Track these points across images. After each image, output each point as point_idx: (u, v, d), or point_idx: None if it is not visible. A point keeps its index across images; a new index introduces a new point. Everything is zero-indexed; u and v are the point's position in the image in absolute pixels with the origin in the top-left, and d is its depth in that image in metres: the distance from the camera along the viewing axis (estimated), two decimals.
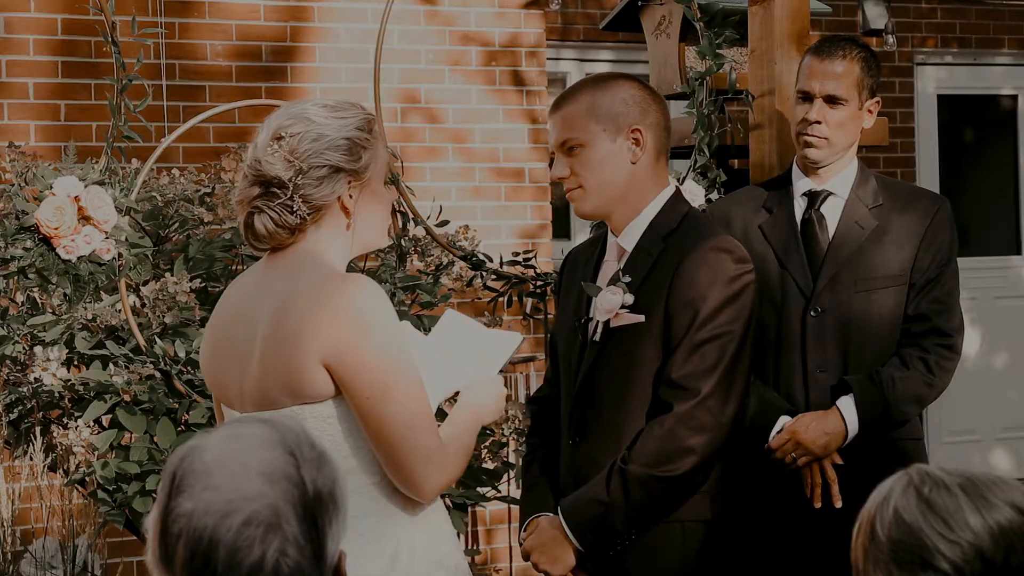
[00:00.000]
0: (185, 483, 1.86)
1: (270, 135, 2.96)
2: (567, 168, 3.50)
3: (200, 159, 6.29)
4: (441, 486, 2.95)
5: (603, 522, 3.37)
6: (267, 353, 2.90)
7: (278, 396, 2.90)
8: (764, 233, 4.02)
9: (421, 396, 2.90)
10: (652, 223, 3.50)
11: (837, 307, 3.94)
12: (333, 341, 2.83)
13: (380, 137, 3.05)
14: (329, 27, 7.10)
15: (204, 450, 1.89)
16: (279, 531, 1.85)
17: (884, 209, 4.00)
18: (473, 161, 7.40)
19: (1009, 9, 9.61)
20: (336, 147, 2.94)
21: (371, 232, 3.03)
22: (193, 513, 1.85)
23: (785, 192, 4.07)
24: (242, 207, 2.99)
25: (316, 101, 3.02)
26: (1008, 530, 1.97)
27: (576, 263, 3.71)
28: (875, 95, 4.04)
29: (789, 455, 3.85)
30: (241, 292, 3.05)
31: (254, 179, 2.96)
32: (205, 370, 3.10)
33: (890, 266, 3.96)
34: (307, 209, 2.93)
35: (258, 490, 1.86)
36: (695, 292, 3.37)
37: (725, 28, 4.58)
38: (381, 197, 3.04)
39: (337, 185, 2.95)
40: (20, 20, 6.56)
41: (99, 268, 4.36)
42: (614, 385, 3.45)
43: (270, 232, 2.95)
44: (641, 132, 3.47)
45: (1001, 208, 9.88)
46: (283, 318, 2.89)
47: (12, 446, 4.91)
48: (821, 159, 4.00)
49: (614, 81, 3.53)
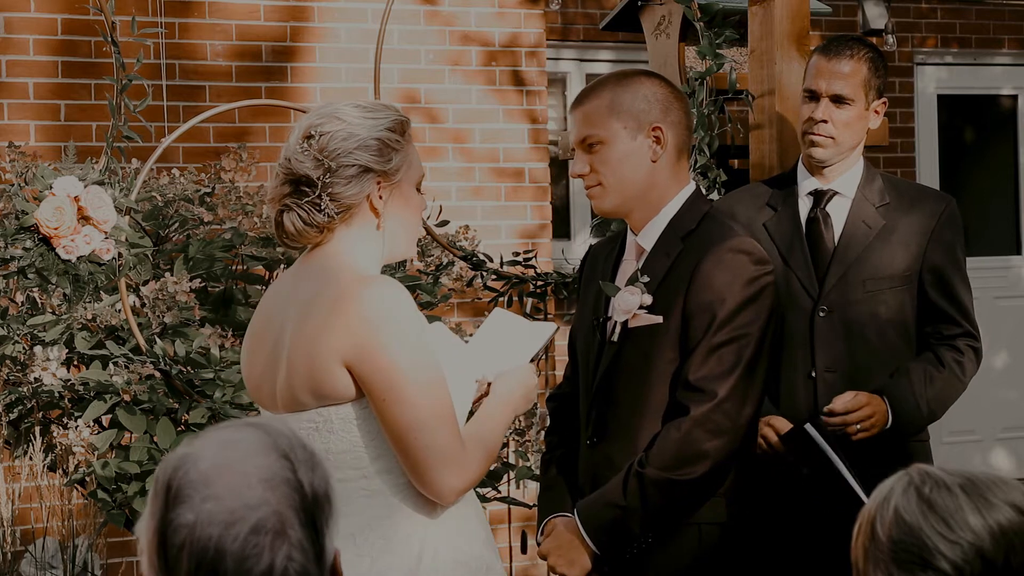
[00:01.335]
0: (184, 493, 1.86)
1: (301, 134, 2.98)
2: (587, 165, 3.48)
3: (200, 159, 6.29)
4: (461, 488, 2.93)
5: (620, 526, 3.36)
6: (293, 355, 2.91)
7: (304, 397, 2.91)
8: (768, 231, 4.02)
9: (440, 397, 2.89)
10: (671, 223, 3.47)
11: (845, 307, 3.93)
12: (352, 342, 2.84)
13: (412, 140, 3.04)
14: (329, 27, 7.10)
15: (198, 459, 1.88)
16: (285, 537, 1.85)
17: (891, 208, 3.99)
18: (473, 161, 7.40)
19: (1009, 9, 9.61)
20: (366, 147, 2.95)
21: (401, 236, 3.03)
22: (196, 524, 1.84)
23: (790, 191, 4.06)
24: (273, 205, 3.01)
25: (350, 102, 3.03)
26: (1008, 530, 1.97)
27: (596, 260, 3.69)
28: (882, 96, 4.04)
29: (854, 425, 3.80)
30: (275, 296, 3.07)
31: (284, 177, 2.98)
32: (244, 374, 3.12)
33: (898, 265, 3.95)
34: (335, 208, 2.94)
35: (260, 497, 1.86)
36: (713, 294, 3.35)
37: (725, 28, 4.58)
38: (411, 201, 3.03)
39: (366, 185, 2.95)
40: (20, 20, 6.56)
41: (99, 268, 4.36)
42: (631, 386, 3.44)
43: (299, 230, 2.96)
44: (662, 130, 3.44)
45: (1001, 208, 9.88)
46: (307, 320, 2.90)
47: (12, 446, 4.90)
48: (826, 158, 3.99)
49: (636, 78, 3.50)
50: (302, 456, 1.91)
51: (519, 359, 3.19)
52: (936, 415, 3.92)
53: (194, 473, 1.87)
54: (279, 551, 1.84)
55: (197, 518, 1.84)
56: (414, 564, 2.92)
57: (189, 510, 1.85)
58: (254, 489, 1.86)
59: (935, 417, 3.92)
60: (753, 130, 4.57)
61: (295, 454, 1.90)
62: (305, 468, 1.90)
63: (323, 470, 1.92)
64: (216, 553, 1.83)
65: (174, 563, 1.85)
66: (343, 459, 2.91)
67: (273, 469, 1.88)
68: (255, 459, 1.88)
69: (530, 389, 3.14)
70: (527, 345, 3.23)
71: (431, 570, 2.94)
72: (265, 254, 5.24)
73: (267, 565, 1.83)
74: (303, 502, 1.87)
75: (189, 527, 1.84)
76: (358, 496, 2.92)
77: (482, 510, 3.11)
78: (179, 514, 1.85)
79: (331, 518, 1.91)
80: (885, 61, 4.10)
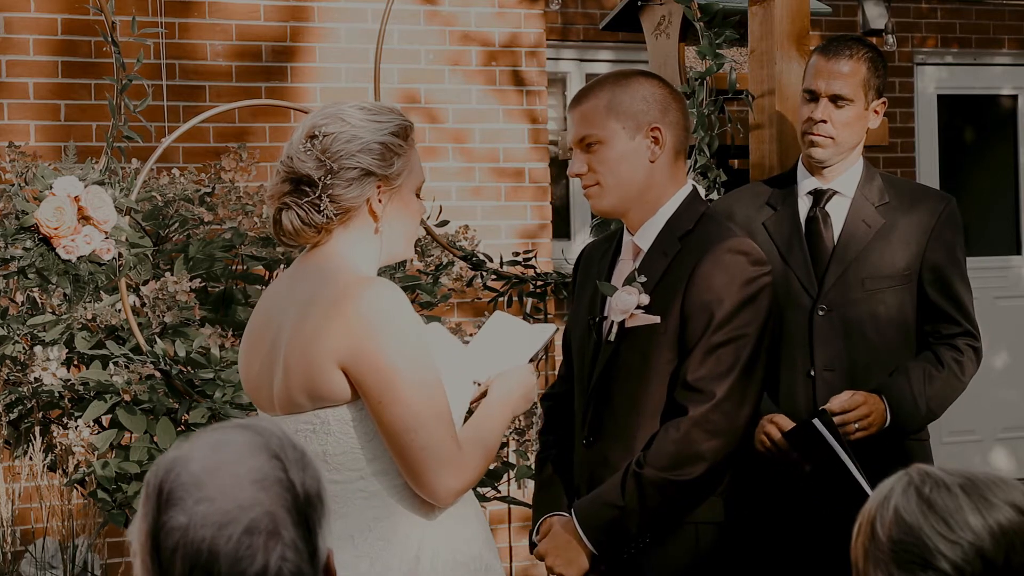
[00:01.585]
0: (175, 496, 1.85)
1: (304, 133, 2.97)
2: (585, 165, 3.48)
3: (200, 159, 6.29)
4: (458, 489, 2.93)
5: (617, 526, 3.36)
6: (290, 356, 2.91)
7: (301, 399, 2.91)
8: (768, 230, 4.02)
9: (436, 399, 2.89)
10: (668, 223, 3.48)
11: (845, 306, 3.93)
12: (347, 343, 2.84)
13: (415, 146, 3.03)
14: (329, 27, 7.10)
15: (189, 461, 1.87)
16: (278, 537, 1.85)
17: (890, 207, 3.99)
18: (473, 161, 7.40)
19: (1009, 9, 9.61)
20: (369, 150, 2.94)
21: (398, 240, 3.03)
22: (189, 526, 1.84)
23: (789, 190, 4.06)
24: (272, 202, 3.00)
25: (355, 103, 3.02)
26: (1008, 530, 1.97)
27: (591, 259, 3.69)
28: (881, 96, 4.04)
29: (852, 424, 3.78)
30: (272, 296, 3.06)
31: (285, 175, 2.97)
32: (242, 375, 3.12)
33: (897, 264, 3.95)
34: (334, 209, 2.94)
35: (253, 498, 1.85)
36: (711, 295, 3.36)
37: (725, 28, 4.58)
38: (411, 206, 3.02)
39: (366, 188, 2.95)
40: (20, 20, 6.56)
41: (99, 268, 4.36)
42: (628, 386, 3.44)
43: (296, 229, 2.96)
44: (660, 131, 3.45)
45: (1001, 208, 9.88)
46: (304, 321, 2.89)
47: (12, 446, 4.90)
48: (826, 159, 3.99)
49: (635, 78, 3.50)
50: (293, 456, 1.90)
51: (518, 360, 3.19)
52: (935, 414, 3.91)
53: (186, 475, 1.86)
54: (273, 551, 1.83)
55: (190, 520, 1.83)
56: (412, 565, 2.92)
57: (182, 512, 1.84)
58: (246, 490, 1.85)
59: (934, 416, 3.91)
60: (753, 130, 4.57)
61: (286, 454, 1.90)
62: (296, 468, 1.89)
63: (314, 469, 1.91)
64: (210, 555, 1.83)
65: (168, 566, 1.84)
66: (341, 461, 2.91)
67: (264, 470, 1.87)
68: (247, 460, 1.87)
69: (529, 389, 3.14)
70: (526, 346, 3.23)
71: (430, 571, 2.94)
72: (265, 254, 5.25)
73: (261, 566, 1.83)
74: (295, 502, 1.87)
75: (182, 529, 1.83)
76: (356, 498, 2.92)
77: (482, 511, 3.10)
78: (172, 517, 1.85)
79: (324, 517, 1.91)
80: (885, 61, 4.09)
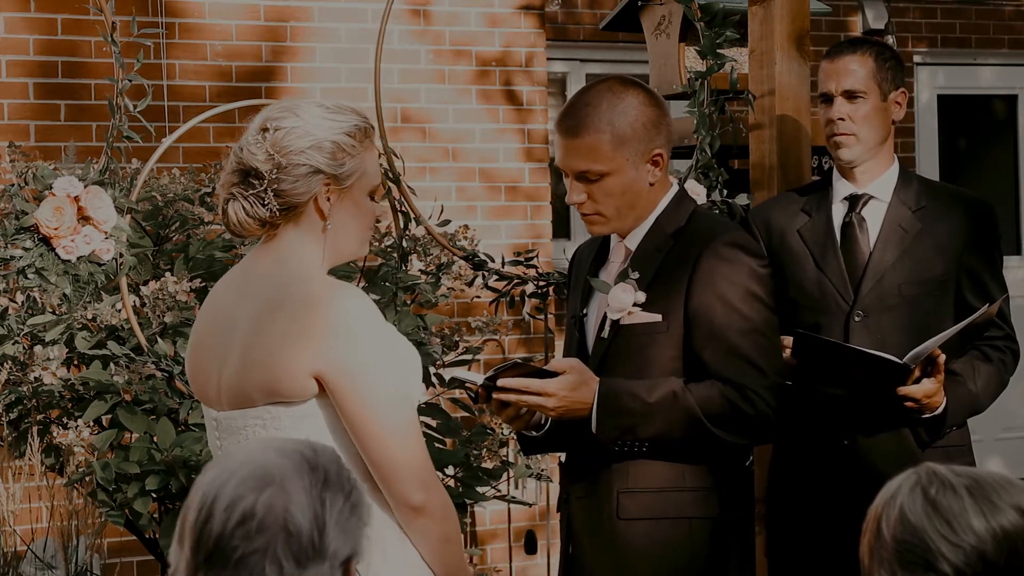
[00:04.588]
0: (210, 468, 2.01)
1: (258, 125, 2.95)
2: (584, 194, 3.45)
3: (200, 159, 6.28)
4: (434, 504, 2.88)
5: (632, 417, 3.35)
6: (250, 354, 2.88)
7: (255, 395, 2.88)
8: (802, 236, 3.98)
9: (408, 409, 2.88)
10: (657, 221, 3.48)
11: (881, 312, 3.90)
12: (322, 353, 2.81)
13: (371, 148, 2.98)
14: (329, 27, 7.10)
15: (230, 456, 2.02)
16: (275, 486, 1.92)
17: (927, 212, 3.94)
18: (472, 161, 7.40)
19: (1009, 9, 9.61)
20: (320, 148, 2.90)
21: (348, 240, 2.97)
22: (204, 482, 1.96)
23: (824, 195, 4.02)
24: (222, 191, 2.97)
25: (315, 100, 2.98)
26: (1012, 534, 1.97)
27: (581, 260, 3.70)
28: (900, 86, 4.01)
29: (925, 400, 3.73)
30: (224, 291, 3.03)
31: (236, 166, 2.94)
32: (188, 367, 3.09)
33: (935, 270, 3.90)
34: (278, 204, 2.89)
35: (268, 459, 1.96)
36: (716, 291, 3.37)
37: (725, 28, 4.57)
38: (362, 208, 2.97)
39: (313, 185, 2.90)
40: (20, 20, 6.56)
41: (99, 268, 4.36)
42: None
43: (240, 221, 2.92)
44: (662, 155, 3.45)
45: (1001, 209, 9.81)
46: (269, 322, 2.86)
47: (12, 446, 4.90)
48: (853, 158, 3.95)
49: (624, 99, 3.43)
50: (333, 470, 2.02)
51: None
52: (984, 405, 3.88)
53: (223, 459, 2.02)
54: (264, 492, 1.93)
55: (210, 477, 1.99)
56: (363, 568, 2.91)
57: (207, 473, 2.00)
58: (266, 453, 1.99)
59: (983, 405, 3.88)
60: (753, 130, 4.57)
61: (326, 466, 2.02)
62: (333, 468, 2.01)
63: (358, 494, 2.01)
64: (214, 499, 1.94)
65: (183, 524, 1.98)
66: None
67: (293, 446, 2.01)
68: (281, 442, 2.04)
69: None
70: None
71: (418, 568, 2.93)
72: None
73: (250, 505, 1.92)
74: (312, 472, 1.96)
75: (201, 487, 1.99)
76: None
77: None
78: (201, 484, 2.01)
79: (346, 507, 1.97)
80: (894, 52, 4.06)
